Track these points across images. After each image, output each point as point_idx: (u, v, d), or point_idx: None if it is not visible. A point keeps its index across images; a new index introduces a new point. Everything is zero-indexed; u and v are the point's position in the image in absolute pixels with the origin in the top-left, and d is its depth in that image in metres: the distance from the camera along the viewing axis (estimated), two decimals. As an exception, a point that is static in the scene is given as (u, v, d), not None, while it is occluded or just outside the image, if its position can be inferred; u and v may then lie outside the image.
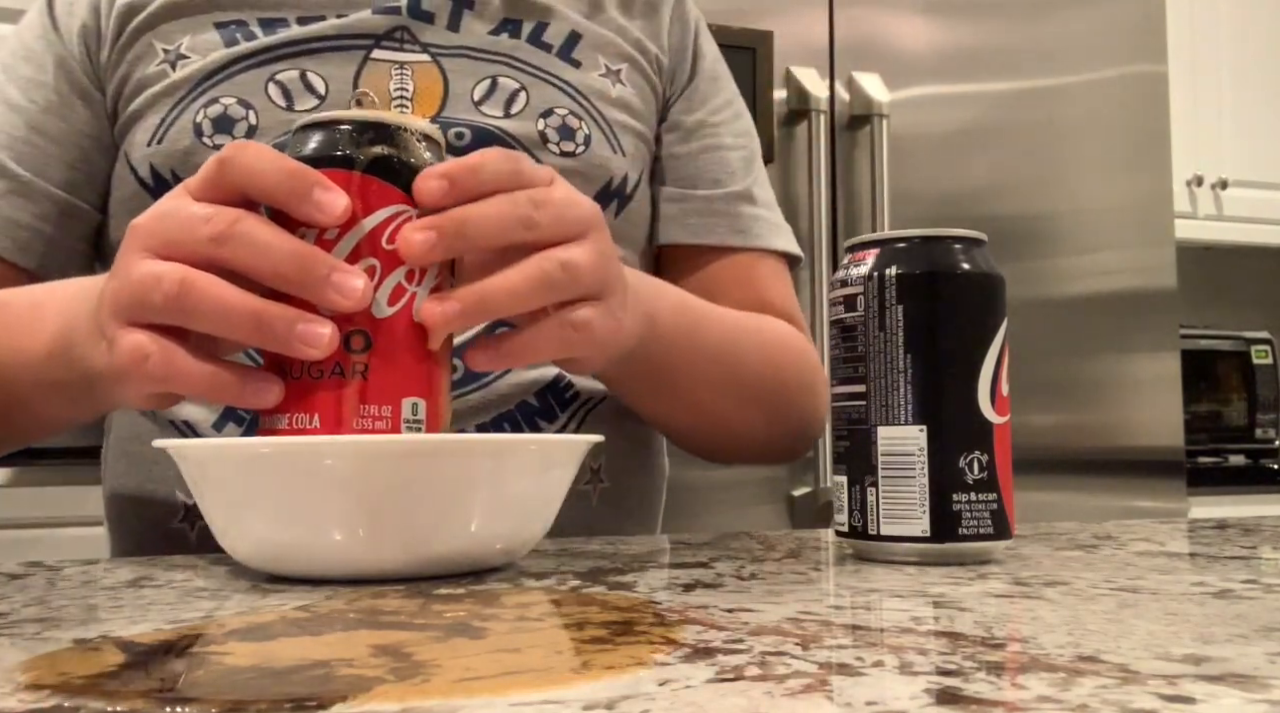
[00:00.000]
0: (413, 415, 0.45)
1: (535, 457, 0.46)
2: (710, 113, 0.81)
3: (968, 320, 0.48)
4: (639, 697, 0.24)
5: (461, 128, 0.70)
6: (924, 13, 1.69)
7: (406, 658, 0.29)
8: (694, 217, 0.78)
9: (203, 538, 0.68)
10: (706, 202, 0.78)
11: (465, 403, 0.67)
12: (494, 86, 0.72)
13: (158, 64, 0.70)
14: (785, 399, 0.75)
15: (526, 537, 0.47)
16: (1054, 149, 1.76)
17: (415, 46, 0.72)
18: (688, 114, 0.80)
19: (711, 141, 0.80)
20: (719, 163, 0.80)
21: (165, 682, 0.27)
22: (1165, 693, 0.24)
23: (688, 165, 0.79)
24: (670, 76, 0.80)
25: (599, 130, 0.73)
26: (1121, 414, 1.77)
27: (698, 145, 0.80)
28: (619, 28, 0.78)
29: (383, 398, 0.44)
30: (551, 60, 0.74)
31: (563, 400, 0.70)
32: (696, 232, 0.78)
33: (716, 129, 0.81)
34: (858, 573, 0.45)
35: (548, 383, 0.70)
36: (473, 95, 0.71)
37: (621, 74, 0.76)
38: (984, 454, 0.47)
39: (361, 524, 0.42)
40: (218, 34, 0.71)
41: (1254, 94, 2.53)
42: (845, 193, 1.63)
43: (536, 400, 0.69)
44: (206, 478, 0.45)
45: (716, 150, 0.80)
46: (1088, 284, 1.76)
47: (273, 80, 0.69)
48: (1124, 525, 0.67)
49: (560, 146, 0.71)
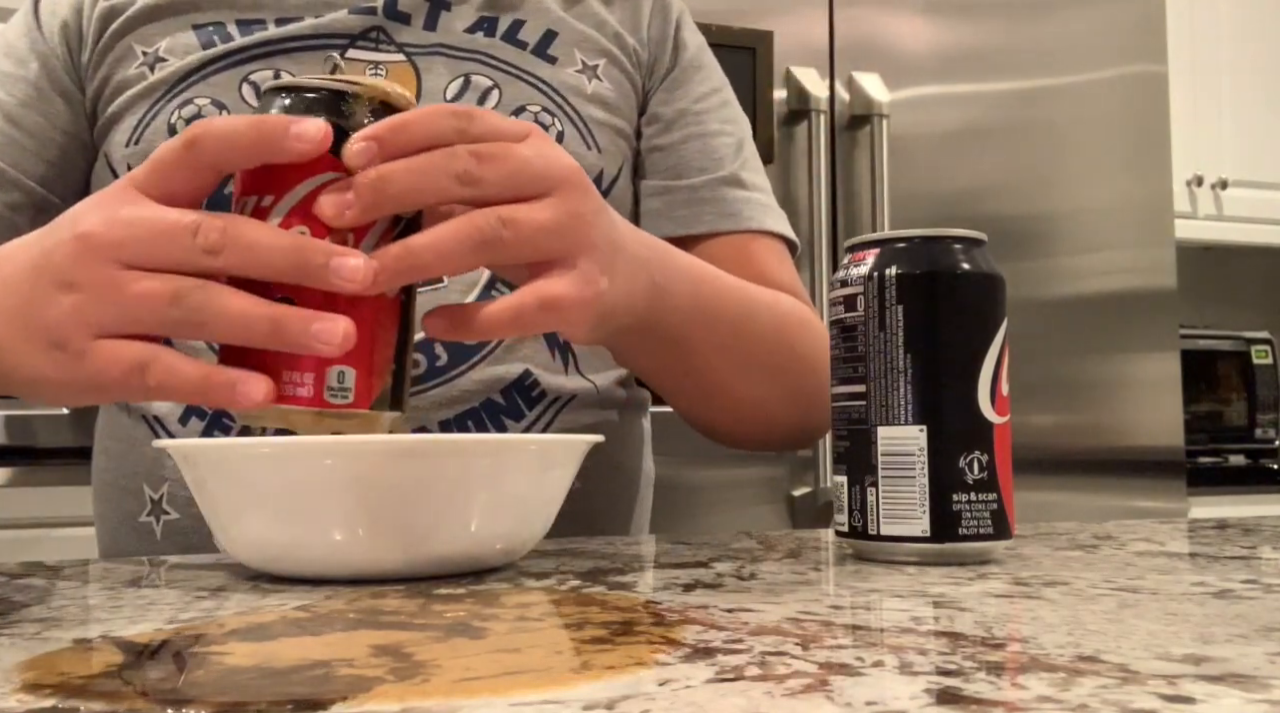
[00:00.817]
0: (338, 384, 0.43)
1: (535, 457, 0.46)
2: (694, 101, 0.79)
3: (968, 320, 0.48)
4: (639, 697, 0.24)
5: None
6: (924, 13, 1.69)
7: (406, 658, 0.29)
8: (680, 208, 0.76)
9: (168, 533, 0.68)
10: (691, 190, 0.76)
11: (426, 399, 0.66)
12: (466, 84, 0.72)
13: (137, 66, 0.71)
14: (801, 375, 0.72)
15: (526, 537, 0.47)
16: (1054, 149, 1.76)
17: (391, 46, 0.72)
18: (667, 105, 0.79)
19: (695, 129, 0.78)
20: (703, 150, 0.78)
21: (165, 682, 0.27)
22: (1165, 693, 0.24)
23: (670, 156, 0.77)
24: (649, 69, 0.79)
25: (573, 127, 0.73)
26: (1121, 414, 1.77)
27: (680, 135, 0.78)
28: (598, 21, 0.77)
29: (303, 365, 0.43)
30: (526, 57, 0.74)
31: (530, 399, 0.69)
32: (684, 222, 0.75)
33: (700, 117, 0.79)
34: (858, 573, 0.45)
35: (513, 380, 0.69)
36: (445, 94, 0.71)
37: (599, 69, 0.76)
38: (984, 454, 0.47)
39: (362, 525, 0.42)
40: (195, 36, 0.71)
41: (1254, 94, 2.52)
42: (845, 193, 1.63)
43: (502, 398, 0.69)
44: (206, 479, 0.45)
45: (701, 138, 0.78)
46: (1088, 284, 1.76)
47: (246, 80, 0.70)
48: (1124, 525, 0.67)
49: None
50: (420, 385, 0.67)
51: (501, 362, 0.69)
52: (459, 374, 0.68)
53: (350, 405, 0.44)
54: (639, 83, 0.79)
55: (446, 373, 0.67)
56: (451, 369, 0.67)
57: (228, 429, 0.67)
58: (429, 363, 0.67)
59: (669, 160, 0.77)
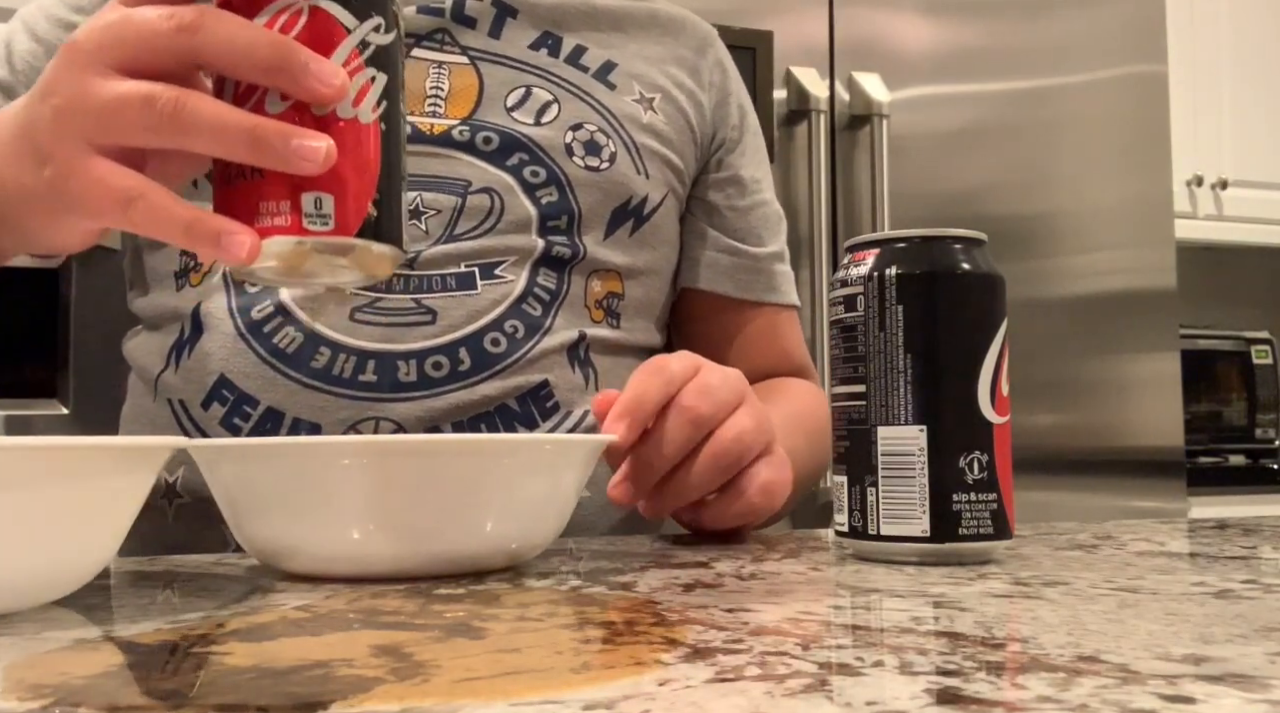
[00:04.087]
0: (315, 210, 0.42)
1: (551, 456, 0.46)
2: (757, 166, 0.87)
3: (968, 320, 0.48)
4: (639, 697, 0.24)
5: (490, 132, 0.72)
6: (924, 13, 1.69)
7: (406, 658, 0.29)
8: (743, 272, 0.84)
9: (179, 515, 0.70)
10: (755, 259, 0.84)
11: (446, 400, 0.68)
12: (527, 95, 0.74)
13: None
14: (826, 450, 0.80)
15: (541, 538, 0.47)
16: (1054, 149, 1.76)
17: (455, 48, 0.74)
18: (745, 169, 0.85)
19: (760, 197, 0.86)
20: (764, 219, 0.86)
21: (165, 682, 0.27)
22: (1165, 693, 0.24)
23: (742, 219, 0.85)
24: (713, 121, 0.83)
25: (625, 151, 0.76)
26: (1121, 414, 1.77)
27: (752, 201, 0.85)
28: (658, 58, 0.81)
29: (277, 192, 0.42)
30: (587, 80, 0.77)
31: (544, 409, 0.71)
32: (742, 286, 0.84)
33: (760, 184, 0.86)
34: (858, 573, 0.45)
35: (530, 388, 0.70)
36: (506, 101, 0.74)
37: (655, 102, 0.79)
38: (984, 454, 0.47)
39: (381, 524, 0.42)
40: None
41: (1254, 94, 2.52)
42: (845, 193, 1.63)
43: (518, 405, 0.70)
44: (224, 476, 0.45)
45: (764, 206, 0.86)
46: (1088, 284, 1.76)
47: None
48: (1124, 525, 0.67)
49: (585, 160, 0.74)
50: (441, 388, 0.68)
51: (523, 372, 0.70)
52: (481, 380, 0.69)
53: (331, 232, 0.43)
54: (697, 127, 0.82)
55: (469, 377, 0.68)
56: (474, 374, 0.68)
57: (247, 416, 0.68)
58: (452, 367, 0.68)
59: (740, 223, 0.85)
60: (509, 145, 0.72)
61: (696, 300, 0.84)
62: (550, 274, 0.72)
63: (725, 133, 0.84)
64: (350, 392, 0.67)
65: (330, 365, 0.67)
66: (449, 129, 0.72)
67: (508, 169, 0.72)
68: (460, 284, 0.69)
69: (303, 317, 0.68)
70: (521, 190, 0.72)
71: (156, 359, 0.73)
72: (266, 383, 0.68)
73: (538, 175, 0.72)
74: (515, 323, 0.70)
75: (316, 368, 0.67)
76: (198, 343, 0.70)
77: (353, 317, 0.68)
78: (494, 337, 0.69)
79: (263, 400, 0.68)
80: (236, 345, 0.68)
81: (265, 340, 0.68)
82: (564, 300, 0.73)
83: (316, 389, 0.67)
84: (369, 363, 0.67)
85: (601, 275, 0.75)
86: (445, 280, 0.69)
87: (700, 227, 0.84)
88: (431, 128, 0.72)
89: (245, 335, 0.68)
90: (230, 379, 0.68)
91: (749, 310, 0.85)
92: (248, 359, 0.68)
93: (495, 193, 0.71)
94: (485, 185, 0.71)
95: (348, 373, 0.67)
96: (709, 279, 0.83)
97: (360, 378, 0.67)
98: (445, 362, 0.68)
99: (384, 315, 0.68)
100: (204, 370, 0.69)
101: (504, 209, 0.71)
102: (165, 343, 0.72)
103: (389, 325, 0.68)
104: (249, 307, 0.69)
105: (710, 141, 0.84)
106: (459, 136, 0.72)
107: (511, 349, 0.69)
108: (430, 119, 0.72)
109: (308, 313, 0.68)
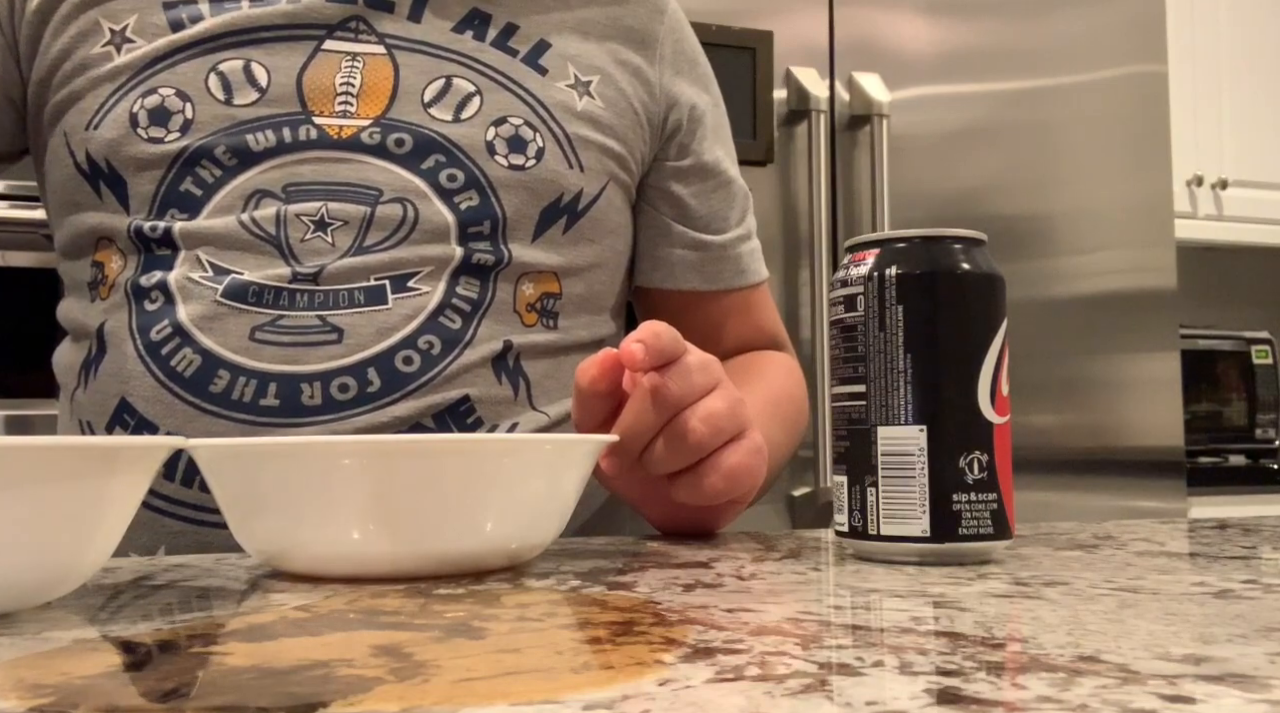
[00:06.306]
0: None
1: (551, 456, 0.46)
2: (722, 143, 0.83)
3: (968, 320, 0.47)
4: (639, 697, 0.24)
5: (403, 133, 0.68)
6: (924, 13, 1.69)
7: (406, 658, 0.29)
8: (711, 264, 0.81)
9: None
10: (722, 248, 0.81)
11: (352, 424, 0.64)
12: (447, 87, 0.69)
13: (103, 45, 0.68)
14: (801, 431, 0.82)
15: (540, 538, 0.47)
16: (1054, 149, 1.76)
17: (371, 36, 0.70)
18: (707, 154, 0.81)
19: (723, 178, 0.82)
20: (728, 201, 0.82)
21: (165, 682, 0.27)
22: (1165, 693, 0.24)
23: (706, 205, 0.81)
24: (666, 97, 0.78)
25: (555, 143, 0.71)
26: (1121, 414, 1.77)
27: (716, 183, 0.81)
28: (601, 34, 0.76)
29: None
30: (515, 66, 0.72)
31: (464, 426, 0.67)
32: (711, 278, 0.81)
33: (723, 164, 0.82)
34: (858, 573, 0.45)
35: (448, 406, 0.66)
36: (423, 95, 0.69)
37: (592, 86, 0.74)
38: (984, 454, 0.47)
39: (379, 523, 0.42)
40: (165, 15, 0.69)
41: (1254, 94, 2.52)
42: (845, 193, 1.63)
43: (434, 423, 0.66)
44: (224, 477, 0.45)
45: (728, 187, 0.82)
46: (1088, 284, 1.76)
47: (214, 71, 0.67)
48: (1124, 525, 0.67)
49: (509, 158, 0.69)
50: (347, 411, 0.64)
51: (439, 390, 0.66)
52: (392, 401, 0.65)
53: None
54: (641, 108, 0.77)
55: (378, 399, 0.65)
56: (384, 395, 0.65)
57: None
58: (360, 388, 0.64)
59: (704, 209, 0.81)
60: (424, 147, 0.68)
61: (667, 296, 0.82)
62: (472, 283, 0.68)
63: (682, 111, 0.79)
64: (250, 417, 0.63)
65: (229, 389, 0.64)
66: (358, 132, 0.67)
67: (422, 173, 0.67)
68: (369, 299, 0.65)
69: (201, 337, 0.64)
70: (437, 196, 0.67)
71: (71, 376, 0.70)
72: (165, 408, 0.64)
73: (455, 179, 0.68)
74: (430, 338, 0.66)
75: (215, 392, 0.64)
76: (102, 363, 0.67)
77: (253, 336, 0.64)
78: (406, 355, 0.65)
79: (161, 426, 0.64)
80: (136, 367, 0.65)
81: (163, 362, 0.64)
82: (488, 309, 0.68)
83: (215, 415, 0.64)
84: (270, 386, 0.64)
85: (533, 277, 0.71)
86: (353, 295, 0.65)
87: (663, 222, 0.80)
88: (340, 131, 0.67)
89: (144, 357, 0.65)
90: (130, 403, 0.65)
91: (722, 297, 0.82)
92: (146, 382, 0.65)
93: (408, 201, 0.67)
94: (397, 193, 0.67)
95: (248, 397, 0.64)
96: (678, 277, 0.81)
97: (261, 402, 0.63)
98: (352, 383, 0.64)
99: (286, 334, 0.64)
100: (107, 393, 0.66)
101: (418, 217, 0.67)
102: (77, 359, 0.69)
103: (292, 345, 0.64)
104: (148, 326, 0.65)
105: (664, 121, 0.78)
106: (369, 139, 0.67)
107: (426, 367, 0.65)
108: (340, 120, 0.68)
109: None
